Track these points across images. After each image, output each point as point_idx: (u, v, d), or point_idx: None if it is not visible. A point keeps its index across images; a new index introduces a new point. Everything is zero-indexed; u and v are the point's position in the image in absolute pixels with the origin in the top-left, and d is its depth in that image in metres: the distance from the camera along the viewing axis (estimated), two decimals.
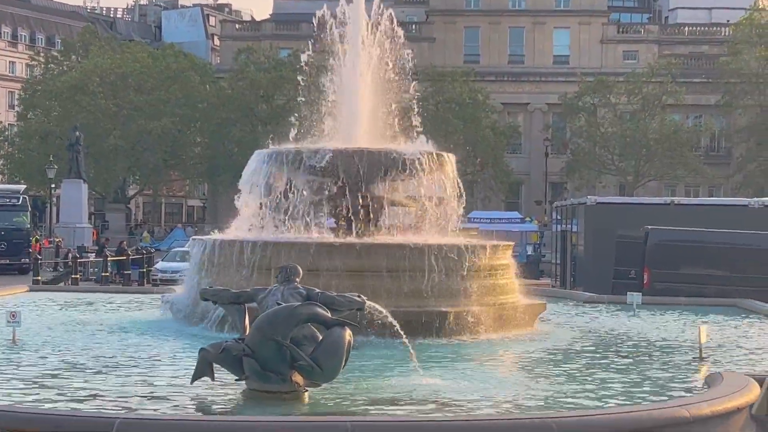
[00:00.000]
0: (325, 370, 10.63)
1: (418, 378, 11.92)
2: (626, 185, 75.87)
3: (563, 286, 36.26)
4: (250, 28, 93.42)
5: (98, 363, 13.25)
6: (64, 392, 11.10)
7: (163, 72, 76.96)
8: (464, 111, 73.98)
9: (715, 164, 77.83)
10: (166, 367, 13.12)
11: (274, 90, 73.89)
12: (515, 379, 12.89)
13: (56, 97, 77.35)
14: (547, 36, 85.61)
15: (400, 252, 16.64)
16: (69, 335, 16.06)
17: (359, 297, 11.46)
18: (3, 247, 48.06)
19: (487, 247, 17.88)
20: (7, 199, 51.00)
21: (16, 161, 79.11)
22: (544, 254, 50.73)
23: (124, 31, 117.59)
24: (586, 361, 14.51)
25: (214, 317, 15.72)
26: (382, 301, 12.98)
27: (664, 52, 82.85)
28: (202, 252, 17.88)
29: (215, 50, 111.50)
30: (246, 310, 11.83)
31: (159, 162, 78.09)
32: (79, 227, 60.13)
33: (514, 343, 16.40)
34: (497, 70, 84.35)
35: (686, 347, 15.84)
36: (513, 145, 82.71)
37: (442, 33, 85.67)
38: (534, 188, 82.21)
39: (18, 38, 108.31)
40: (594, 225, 33.40)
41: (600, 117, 75.84)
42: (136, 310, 20.80)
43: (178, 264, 36.22)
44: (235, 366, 10.83)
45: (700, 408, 9.74)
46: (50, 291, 25.66)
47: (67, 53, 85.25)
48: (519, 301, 18.35)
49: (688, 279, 27.24)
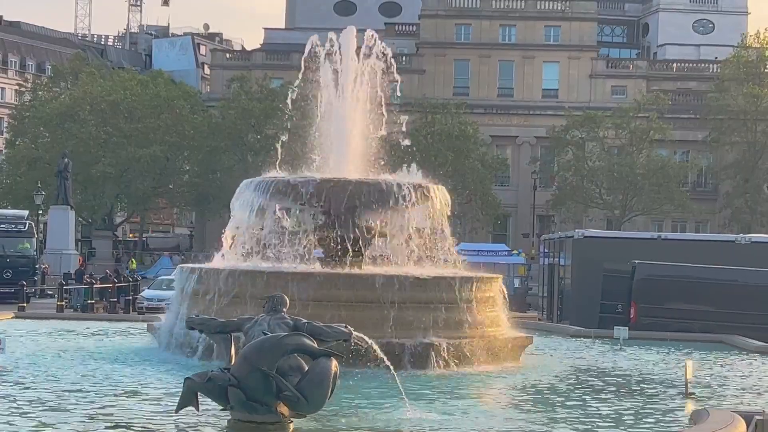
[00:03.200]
0: (310, 401, 10.58)
1: (403, 410, 11.87)
2: (613, 219, 76.04)
3: (550, 319, 36.20)
4: (241, 57, 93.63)
5: (83, 391, 13.18)
6: (49, 421, 11.02)
7: (153, 100, 77.00)
8: (453, 143, 74.15)
9: (701, 200, 78.11)
10: (151, 395, 13.03)
11: (265, 119, 73.99)
12: (500, 412, 12.85)
13: (45, 123, 77.28)
14: (537, 70, 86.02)
15: (387, 283, 16.62)
16: (53, 363, 15.97)
17: (346, 328, 11.43)
18: (9, 275, 45.54)
19: (473, 279, 17.89)
20: (12, 225, 49.35)
21: (4, 187, 78.91)
22: (531, 287, 50.71)
23: (115, 58, 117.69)
24: (572, 395, 14.48)
25: (202, 347, 15.67)
26: (369, 332, 12.92)
27: (652, 88, 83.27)
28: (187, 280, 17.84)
29: (205, 79, 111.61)
30: (232, 339, 11.78)
31: (147, 189, 77.99)
32: (65, 253, 59.86)
33: (499, 377, 16.37)
34: (486, 102, 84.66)
35: (672, 383, 15.83)
36: (501, 177, 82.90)
37: (432, 65, 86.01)
38: (521, 221, 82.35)
39: (8, 64, 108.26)
40: (581, 258, 33.39)
41: (588, 151, 76.07)
42: (122, 337, 20.71)
43: (165, 292, 36.06)
44: (220, 396, 10.76)
45: None
46: (36, 318, 25.53)
47: (57, 80, 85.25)
48: (506, 334, 18.32)
49: (675, 314, 27.25)
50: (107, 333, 21.59)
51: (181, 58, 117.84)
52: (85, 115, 74.83)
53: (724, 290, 27.79)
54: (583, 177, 75.70)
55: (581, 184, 75.82)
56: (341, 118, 20.18)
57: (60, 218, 61.66)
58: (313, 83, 21.05)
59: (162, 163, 76.06)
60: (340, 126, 20.18)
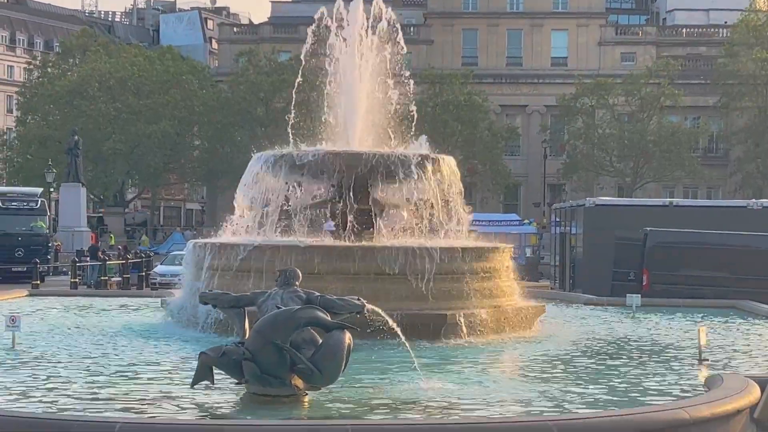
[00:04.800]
0: (324, 374, 10.63)
1: (418, 381, 11.91)
2: (624, 187, 75.91)
3: (562, 288, 36.23)
4: (248, 31, 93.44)
5: (98, 367, 13.25)
6: (65, 396, 11.10)
7: (162, 76, 76.97)
8: (462, 113, 74.00)
9: (713, 165, 77.90)
10: (165, 370, 13.10)
11: (273, 93, 73.91)
12: (515, 381, 12.89)
13: (55, 101, 77.35)
14: (545, 38, 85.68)
15: (398, 255, 16.64)
16: (68, 339, 16.05)
17: (358, 300, 11.47)
18: (20, 254, 45.04)
19: (485, 249, 17.91)
20: (24, 203, 48.52)
21: (15, 165, 79.07)
22: (542, 256, 50.71)
23: (122, 34, 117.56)
24: (585, 363, 14.50)
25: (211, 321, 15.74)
26: (381, 304, 12.96)
27: (662, 54, 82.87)
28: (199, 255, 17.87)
29: (213, 53, 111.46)
30: (246, 313, 11.83)
31: (158, 165, 78.05)
32: (77, 231, 59.98)
33: (513, 346, 16.40)
34: (495, 72, 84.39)
35: (686, 349, 15.84)
36: (511, 147, 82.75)
37: (440, 35, 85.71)
38: (532, 190, 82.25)
39: (16, 42, 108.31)
40: (593, 227, 33.38)
41: (598, 119, 75.89)
42: (135, 313, 20.80)
43: (177, 267, 36.14)
44: (235, 370, 10.81)
45: (700, 410, 9.73)
46: (49, 295, 25.64)
47: (65, 57, 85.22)
48: (518, 303, 18.35)
49: (687, 280, 27.24)
50: (121, 309, 21.68)
51: (189, 33, 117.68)
52: (94, 92, 74.87)
53: (737, 256, 27.77)
54: (594, 145, 75.55)
55: (592, 152, 75.67)
56: (350, 90, 20.15)
57: (71, 195, 61.76)
58: (321, 55, 21.01)
59: (172, 139, 76.12)
60: (349, 98, 20.15)
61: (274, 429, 8.78)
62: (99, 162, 75.37)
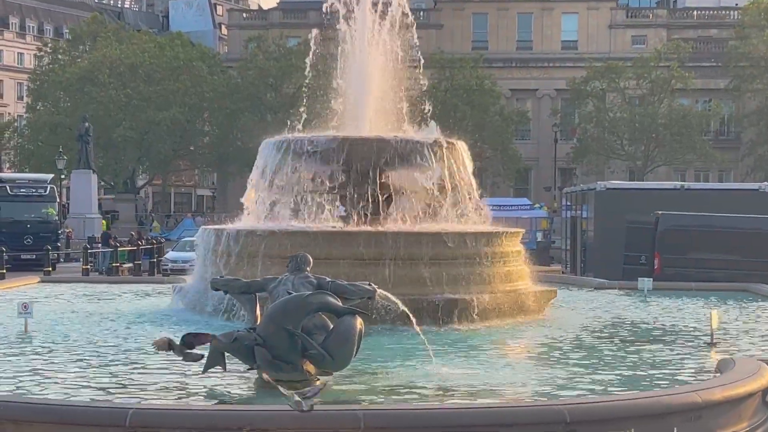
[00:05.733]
0: (336, 359, 10.64)
1: (430, 366, 11.92)
2: (635, 170, 75.73)
3: (573, 272, 36.20)
4: (258, 16, 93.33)
5: (110, 353, 13.29)
6: (77, 383, 11.13)
7: (172, 62, 76.99)
8: (472, 97, 73.88)
9: (724, 148, 77.63)
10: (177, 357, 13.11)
11: (283, 79, 73.87)
12: (527, 365, 12.89)
13: (65, 88, 77.44)
14: (556, 21, 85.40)
15: (410, 239, 16.65)
16: (80, 326, 16.09)
17: (370, 285, 11.47)
18: (29, 241, 44.27)
19: (496, 234, 17.90)
20: (33, 189, 47.82)
21: (26, 152, 79.22)
22: (553, 240, 50.69)
23: (132, 20, 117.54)
24: (597, 347, 14.50)
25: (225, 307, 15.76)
26: (393, 289, 12.96)
27: (672, 37, 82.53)
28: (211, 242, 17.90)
29: (223, 39, 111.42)
30: (257, 299, 11.84)
31: (168, 152, 78.14)
32: (89, 217, 60.11)
33: (525, 330, 16.40)
34: (505, 56, 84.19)
35: (698, 332, 15.83)
36: (522, 131, 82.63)
37: (450, 20, 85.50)
38: (543, 174, 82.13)
39: (26, 29, 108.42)
40: (604, 211, 33.33)
41: (608, 102, 75.69)
42: (147, 299, 20.85)
43: (189, 254, 36.26)
44: (246, 355, 10.83)
45: (712, 393, 9.73)
46: (61, 282, 25.71)
47: (75, 43, 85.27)
48: (530, 287, 18.35)
49: (698, 264, 27.17)
50: (132, 295, 21.73)
51: (198, 19, 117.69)
52: (104, 79, 74.91)
53: (748, 239, 27.68)
54: (605, 128, 75.37)
55: (602, 136, 75.50)
56: (359, 74, 20.12)
57: (82, 182, 61.90)
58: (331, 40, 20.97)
59: (182, 126, 76.16)
60: (359, 83, 20.13)
61: (286, 415, 8.80)
62: (109, 149, 75.49)
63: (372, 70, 20.08)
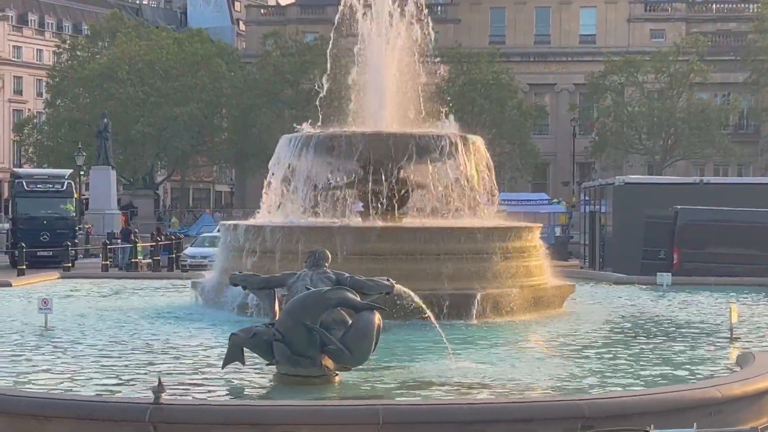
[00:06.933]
0: (354, 354, 10.66)
1: (449, 361, 11.92)
2: (654, 165, 75.47)
3: (592, 267, 36.10)
4: (276, 12, 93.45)
5: (129, 349, 13.34)
6: (96, 378, 11.19)
7: (190, 58, 77.12)
8: (490, 92, 73.77)
9: (743, 142, 77.25)
10: (196, 352, 13.18)
11: (299, 75, 73.93)
12: (545, 360, 12.87)
13: (84, 84, 77.68)
14: (574, 15, 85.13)
15: (429, 235, 16.65)
16: (100, 322, 16.16)
17: (388, 281, 11.49)
18: (46, 238, 43.03)
19: (517, 229, 17.88)
20: (51, 185, 46.57)
21: (45, 148, 79.51)
22: (572, 235, 50.53)
23: (151, 17, 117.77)
24: (615, 341, 14.48)
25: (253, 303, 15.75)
26: (411, 284, 12.97)
27: (691, 30, 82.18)
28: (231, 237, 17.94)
29: (241, 35, 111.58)
30: (275, 295, 11.87)
31: (186, 148, 78.31)
32: (108, 213, 60.26)
33: (544, 325, 16.39)
34: (523, 50, 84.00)
35: (717, 327, 15.78)
36: (540, 125, 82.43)
37: (467, 14, 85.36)
38: (561, 169, 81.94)
39: (45, 26, 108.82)
40: (622, 205, 33.21)
41: (627, 96, 75.43)
42: (166, 295, 20.92)
43: (207, 249, 36.35)
44: (265, 351, 10.86)
45: (731, 388, 9.70)
46: (81, 278, 25.83)
47: (94, 39, 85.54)
48: (548, 282, 18.32)
49: (717, 259, 27.06)
50: (152, 291, 21.81)
51: (216, 15, 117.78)
52: (122, 75, 75.09)
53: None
54: (623, 123, 75.10)
55: (621, 130, 75.24)
56: (377, 70, 20.12)
57: (102, 178, 62.04)
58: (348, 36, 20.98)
59: (200, 122, 76.28)
60: (377, 78, 20.13)
61: (305, 410, 8.82)
62: (128, 145, 75.72)
63: (389, 65, 20.07)
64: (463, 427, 8.64)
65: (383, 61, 20.05)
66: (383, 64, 20.05)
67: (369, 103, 20.31)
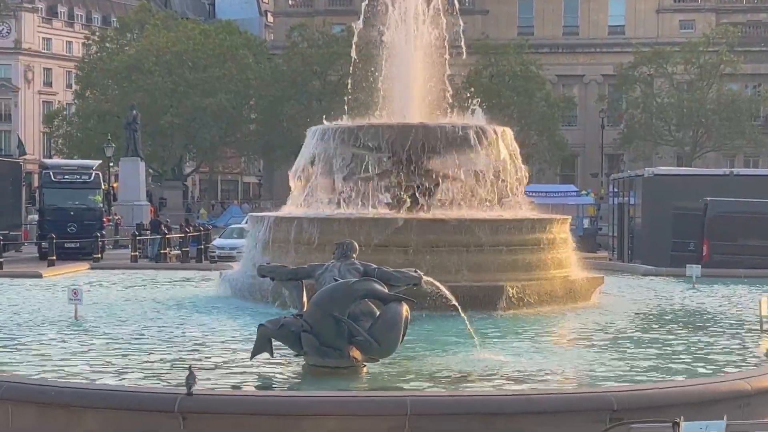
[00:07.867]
0: (382, 346, 10.66)
1: (477, 353, 11.91)
2: (684, 156, 75.05)
3: (621, 259, 35.96)
4: (304, 4, 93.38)
5: (158, 340, 13.40)
6: (126, 369, 11.24)
7: (217, 49, 77.28)
8: (517, 83, 73.54)
9: None
10: (225, 343, 13.21)
11: (327, 66, 73.94)
12: (575, 353, 12.84)
13: (113, 76, 78.03)
14: (602, 6, 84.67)
15: (457, 227, 16.63)
16: (129, 312, 16.23)
17: (416, 272, 11.48)
18: (73, 229, 42.50)
19: (548, 221, 17.83)
20: (78, 176, 46.18)
21: (74, 140, 79.95)
22: (600, 227, 50.34)
23: (179, 8, 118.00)
24: (645, 334, 14.42)
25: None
26: (438, 275, 12.95)
27: (721, 21, 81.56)
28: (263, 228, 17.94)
29: (268, 27, 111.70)
30: (303, 286, 11.88)
31: (214, 139, 78.54)
32: (137, 205, 60.55)
33: (573, 317, 16.33)
34: (551, 41, 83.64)
35: (747, 320, 15.69)
36: (568, 117, 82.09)
37: (495, 5, 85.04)
38: (589, 160, 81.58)
39: (74, 18, 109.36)
40: (652, 197, 33.04)
41: (656, 87, 75.01)
42: (195, 286, 21.00)
43: (235, 240, 36.47)
44: (293, 342, 10.88)
45: (761, 381, 9.64)
46: (110, 269, 25.97)
47: (123, 31, 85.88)
48: (577, 274, 18.26)
49: (748, 251, 26.89)
50: (181, 281, 21.91)
51: (244, 7, 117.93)
52: (151, 67, 75.35)
53: None
54: (652, 114, 74.69)
55: (650, 122, 74.84)
56: (405, 61, 20.10)
57: (131, 170, 62.34)
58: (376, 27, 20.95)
59: (228, 113, 76.46)
60: (404, 69, 20.10)
61: (333, 401, 8.84)
62: (157, 136, 76.02)
63: (417, 57, 20.04)
64: (489, 418, 8.63)
65: (411, 52, 20.02)
66: (410, 54, 20.02)
67: (397, 95, 20.29)
